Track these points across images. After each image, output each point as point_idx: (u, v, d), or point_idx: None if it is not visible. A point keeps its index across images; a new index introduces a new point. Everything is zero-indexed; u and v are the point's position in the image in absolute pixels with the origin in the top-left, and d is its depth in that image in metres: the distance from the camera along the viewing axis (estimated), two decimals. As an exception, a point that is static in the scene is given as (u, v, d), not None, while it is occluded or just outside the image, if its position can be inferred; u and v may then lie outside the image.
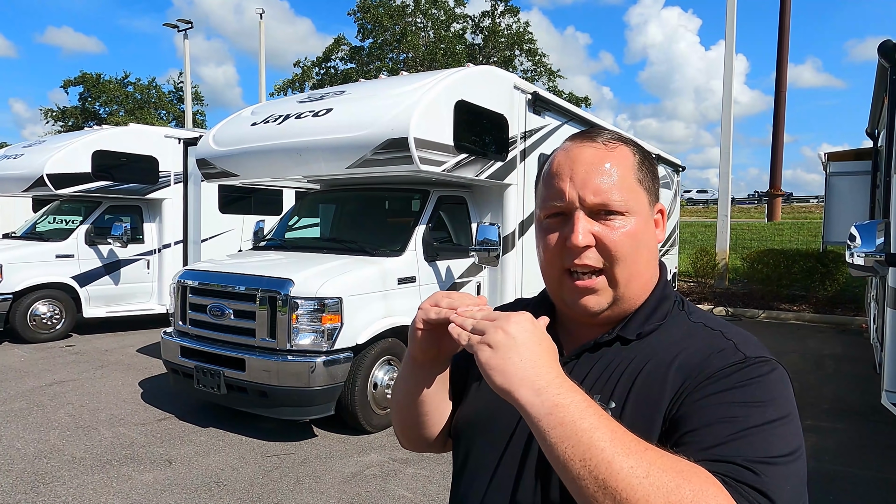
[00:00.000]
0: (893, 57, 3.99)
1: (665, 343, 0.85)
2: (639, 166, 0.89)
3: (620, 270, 0.86)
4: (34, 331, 7.69)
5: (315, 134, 4.92)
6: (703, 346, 0.82)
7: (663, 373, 0.81)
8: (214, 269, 4.92)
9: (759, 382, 0.75)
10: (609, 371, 0.86)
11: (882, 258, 3.50)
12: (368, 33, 27.79)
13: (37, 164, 8.04)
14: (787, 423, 0.73)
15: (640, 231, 0.86)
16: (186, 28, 22.25)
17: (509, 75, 5.80)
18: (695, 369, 0.78)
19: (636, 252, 0.86)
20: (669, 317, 0.89)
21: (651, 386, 0.80)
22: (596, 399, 0.79)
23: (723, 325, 0.87)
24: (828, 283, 10.65)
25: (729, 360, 0.78)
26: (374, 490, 3.66)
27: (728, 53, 12.43)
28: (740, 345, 0.81)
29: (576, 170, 0.86)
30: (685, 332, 0.86)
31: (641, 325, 0.88)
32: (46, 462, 3.99)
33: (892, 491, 3.76)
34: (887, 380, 3.97)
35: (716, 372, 0.77)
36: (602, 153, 0.87)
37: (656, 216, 0.92)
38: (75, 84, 34.23)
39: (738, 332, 0.85)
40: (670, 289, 0.93)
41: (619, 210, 0.85)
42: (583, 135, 0.91)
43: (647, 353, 0.85)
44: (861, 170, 8.73)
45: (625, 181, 0.86)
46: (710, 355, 0.79)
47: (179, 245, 8.60)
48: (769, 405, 0.73)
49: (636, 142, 0.93)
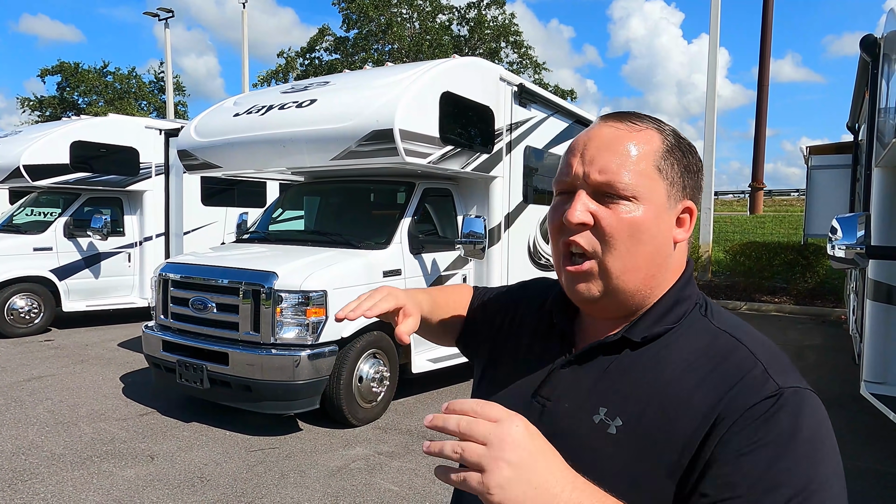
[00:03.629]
0: (874, 51, 4.03)
1: (683, 352, 0.76)
2: (665, 154, 0.80)
3: (613, 259, 0.78)
4: (11, 325, 7.54)
5: (299, 125, 4.86)
6: (728, 366, 0.73)
7: (681, 394, 0.72)
8: (197, 262, 4.85)
9: (799, 430, 0.67)
10: (619, 381, 0.78)
11: (863, 250, 3.55)
12: (353, 24, 27.54)
13: (13, 154, 7.86)
14: (835, 476, 0.66)
15: (645, 222, 0.77)
16: (167, 17, 21.85)
17: (495, 67, 5.77)
18: (722, 400, 0.70)
19: (635, 243, 0.77)
20: (686, 320, 0.80)
21: (662, 405, 0.73)
22: (602, 413, 0.76)
23: (747, 335, 0.77)
24: (808, 276, 10.81)
25: (759, 393, 0.69)
26: (360, 484, 3.64)
27: (712, 50, 12.50)
28: (770, 369, 0.72)
29: (588, 146, 0.81)
30: (707, 342, 0.77)
31: (650, 328, 0.79)
32: (25, 459, 3.91)
33: (872, 479, 3.83)
34: (866, 370, 4.03)
35: (747, 409, 0.68)
36: (622, 133, 0.80)
37: (682, 214, 0.82)
38: (53, 73, 33.50)
39: (763, 347, 0.76)
40: (692, 290, 0.83)
41: (625, 194, 0.77)
42: (612, 114, 0.84)
43: (663, 363, 0.77)
44: (842, 163, 8.85)
45: (639, 165, 0.78)
46: (738, 384, 0.71)
47: (161, 238, 8.48)
48: (815, 459, 0.66)
49: (675, 131, 0.83)
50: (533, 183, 6.47)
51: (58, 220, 8.13)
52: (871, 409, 4.00)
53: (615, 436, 0.74)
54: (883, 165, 3.95)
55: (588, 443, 0.75)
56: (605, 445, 0.74)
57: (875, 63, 4.03)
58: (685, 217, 0.82)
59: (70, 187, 8.31)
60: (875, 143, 4.01)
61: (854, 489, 3.68)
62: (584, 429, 0.77)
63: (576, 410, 0.79)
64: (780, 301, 10.77)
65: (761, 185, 21.69)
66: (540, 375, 0.86)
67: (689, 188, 0.82)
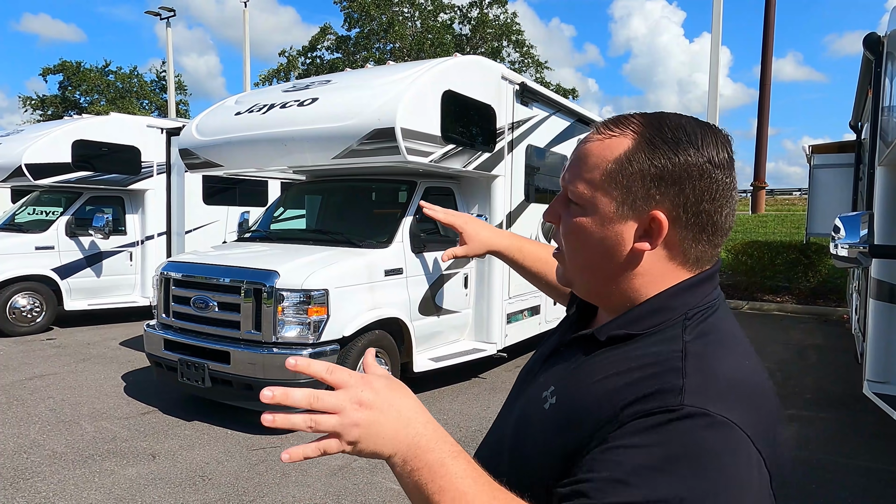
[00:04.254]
0: (878, 49, 4.02)
1: (633, 357, 0.75)
2: (623, 160, 0.77)
3: (568, 255, 0.86)
4: (13, 324, 7.55)
5: (300, 124, 4.85)
6: (646, 382, 0.70)
7: (597, 398, 0.73)
8: (198, 261, 4.85)
9: (676, 445, 0.63)
10: (573, 368, 0.82)
11: (866, 249, 3.54)
12: (355, 23, 27.54)
13: (15, 153, 7.86)
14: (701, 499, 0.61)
15: (587, 227, 0.80)
16: (169, 16, 21.88)
17: (497, 66, 5.76)
18: (614, 410, 0.69)
19: (581, 245, 0.82)
20: (662, 329, 0.77)
21: (582, 403, 0.74)
22: (549, 391, 0.82)
23: (704, 355, 0.72)
24: (810, 275, 10.79)
25: (652, 405, 0.66)
26: (362, 483, 3.64)
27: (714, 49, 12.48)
28: (690, 387, 0.67)
29: (571, 156, 0.87)
30: (659, 353, 0.74)
31: (614, 329, 0.80)
32: (27, 457, 3.92)
33: (874, 479, 3.82)
34: (869, 370, 4.02)
35: (631, 419, 0.67)
36: (591, 144, 0.82)
37: (652, 224, 0.77)
38: (54, 72, 33.55)
39: (706, 369, 0.70)
40: (684, 300, 0.79)
41: (576, 202, 0.82)
42: (603, 122, 0.85)
43: (607, 367, 0.77)
44: (844, 162, 8.82)
45: (591, 174, 0.80)
46: (641, 398, 0.68)
47: (163, 237, 8.47)
48: (677, 478, 0.61)
49: (653, 136, 0.78)
50: (534, 182, 6.46)
51: (59, 219, 8.14)
52: (873, 409, 3.99)
53: (546, 410, 0.80)
54: (886, 164, 3.94)
55: (532, 411, 0.84)
56: (538, 414, 0.82)
57: (878, 61, 4.01)
58: (653, 227, 0.77)
59: (72, 186, 8.31)
60: (878, 142, 4.00)
61: (857, 488, 3.67)
62: (535, 402, 0.84)
63: (540, 384, 0.87)
64: (782, 300, 10.75)
65: (763, 184, 21.65)
66: (545, 353, 0.95)
67: (665, 196, 0.76)
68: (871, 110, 4.46)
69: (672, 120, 0.79)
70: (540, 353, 0.97)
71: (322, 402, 0.66)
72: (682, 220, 0.77)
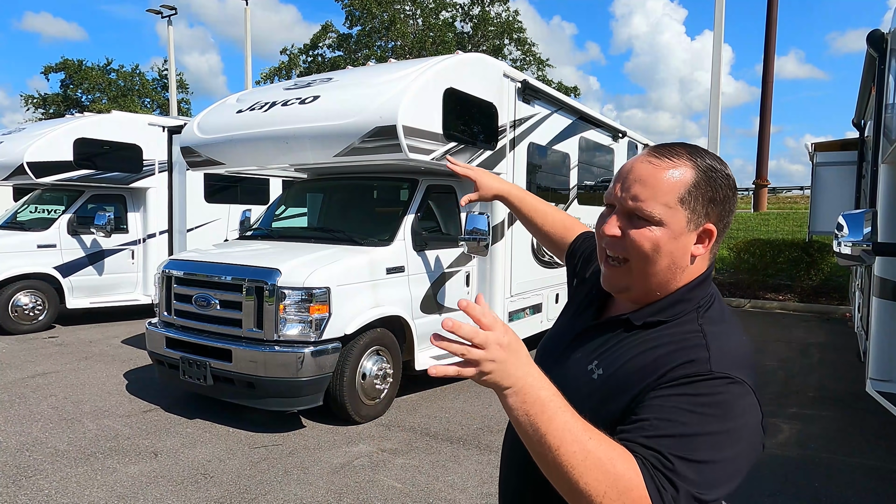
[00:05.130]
0: (881, 47, 4.00)
1: (661, 339, 0.99)
2: (690, 187, 0.99)
3: (638, 266, 1.02)
4: (16, 322, 7.56)
5: (302, 121, 4.85)
6: (682, 352, 0.94)
7: (643, 365, 0.96)
8: (200, 259, 4.85)
9: (708, 396, 0.88)
10: (614, 345, 1.04)
11: (869, 247, 3.52)
12: (356, 20, 27.51)
13: (17, 151, 7.86)
14: (722, 435, 0.86)
15: (663, 241, 1.00)
16: (170, 14, 21.86)
17: (499, 63, 5.75)
18: (659, 373, 0.93)
19: (655, 256, 1.00)
20: (682, 317, 1.02)
21: (630, 371, 0.97)
22: (593, 363, 1.04)
23: (717, 335, 0.97)
24: (813, 273, 10.76)
25: (691, 370, 0.91)
26: (363, 481, 3.64)
27: (716, 47, 12.44)
28: (714, 358, 0.92)
29: (629, 176, 1.03)
30: (681, 334, 0.99)
31: (647, 317, 1.03)
32: (29, 455, 3.92)
33: (876, 478, 3.82)
34: (872, 368, 4.01)
35: (675, 380, 0.91)
36: (655, 169, 1.00)
37: (704, 235, 1.02)
38: (56, 70, 33.58)
39: (721, 345, 0.95)
40: (697, 294, 1.04)
41: (651, 219, 0.99)
42: (655, 148, 1.04)
43: (645, 343, 1.00)
44: (847, 160, 8.79)
45: (664, 197, 0.99)
46: (680, 364, 0.92)
47: (164, 235, 8.48)
48: (710, 417, 0.86)
49: (710, 166, 1.02)
50: (537, 180, 6.45)
51: (61, 217, 8.15)
52: (876, 407, 3.98)
53: (595, 380, 1.02)
54: (890, 162, 3.92)
55: (579, 382, 1.04)
56: (587, 385, 1.03)
57: (882, 58, 3.99)
58: (705, 237, 1.03)
59: (74, 184, 8.31)
60: (882, 139, 3.98)
61: (861, 487, 3.66)
62: (581, 373, 1.05)
63: (580, 360, 1.08)
64: (784, 298, 10.72)
65: (765, 182, 21.60)
66: (572, 332, 1.16)
67: (714, 214, 1.02)
68: (874, 108, 4.44)
69: (707, 153, 1.04)
70: (560, 336, 1.20)
71: (478, 336, 0.84)
72: (719, 229, 1.03)
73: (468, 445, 4.22)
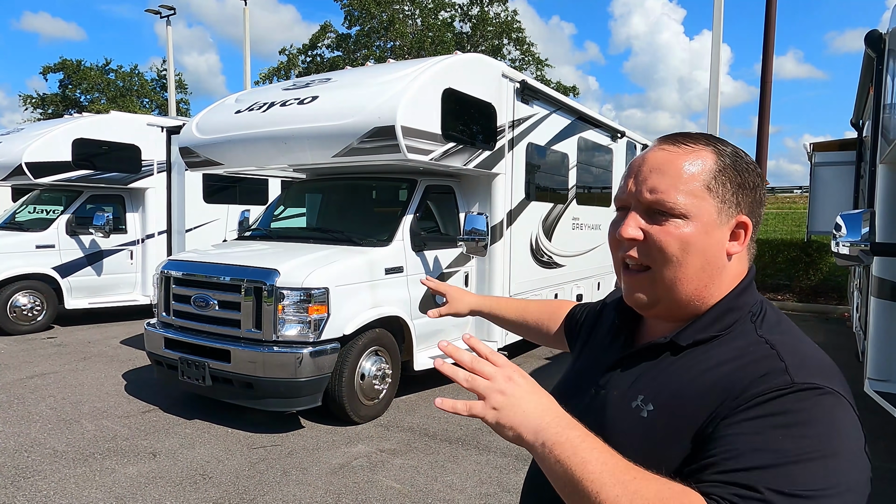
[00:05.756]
0: (879, 47, 4.00)
1: (720, 356, 0.83)
2: (716, 173, 0.86)
3: (665, 271, 0.86)
4: (14, 322, 7.55)
5: (300, 122, 4.85)
6: (752, 366, 0.79)
7: (705, 389, 0.80)
8: (199, 260, 4.84)
9: (799, 412, 0.72)
10: (659, 374, 0.88)
11: (867, 247, 3.52)
12: (355, 20, 27.48)
13: (15, 152, 7.86)
14: (826, 458, 0.69)
15: (693, 237, 0.85)
16: (169, 14, 21.83)
17: (498, 63, 5.75)
18: (734, 391, 0.77)
19: (684, 256, 0.85)
20: (736, 328, 0.86)
21: (690, 398, 0.81)
22: (639, 399, 0.87)
23: (788, 344, 0.82)
24: (811, 273, 10.78)
25: (771, 384, 0.75)
26: (362, 481, 3.64)
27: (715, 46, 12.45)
28: (792, 368, 0.76)
29: (642, 168, 0.89)
30: (742, 348, 0.83)
31: (696, 334, 0.87)
32: (27, 456, 3.92)
33: (876, 477, 3.78)
34: (870, 368, 4.01)
35: (755, 397, 0.74)
36: (673, 155, 0.87)
37: (737, 229, 0.88)
38: (55, 70, 33.51)
39: (796, 352, 0.80)
40: (746, 299, 0.89)
41: (674, 212, 0.85)
42: (668, 137, 0.91)
43: (699, 364, 0.84)
44: (846, 160, 8.80)
45: (688, 185, 0.85)
46: (756, 379, 0.76)
47: (163, 235, 8.47)
48: (806, 437, 0.70)
49: (735, 150, 0.89)
50: (535, 180, 6.45)
51: (60, 217, 8.14)
52: (875, 407, 3.98)
53: (645, 419, 0.85)
54: (888, 162, 3.92)
55: (623, 424, 0.87)
56: (635, 426, 0.85)
57: (880, 59, 3.99)
58: (740, 231, 0.88)
59: (72, 185, 8.31)
60: (880, 140, 3.98)
61: (858, 487, 3.67)
62: (625, 412, 0.88)
63: (620, 398, 0.90)
64: (783, 298, 10.74)
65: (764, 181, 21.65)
66: (599, 368, 1.00)
67: (745, 204, 0.88)
68: (872, 108, 4.45)
69: (727, 141, 0.91)
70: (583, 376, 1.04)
71: (482, 367, 0.78)
72: (753, 223, 0.89)
73: (467, 446, 4.22)
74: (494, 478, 3.73)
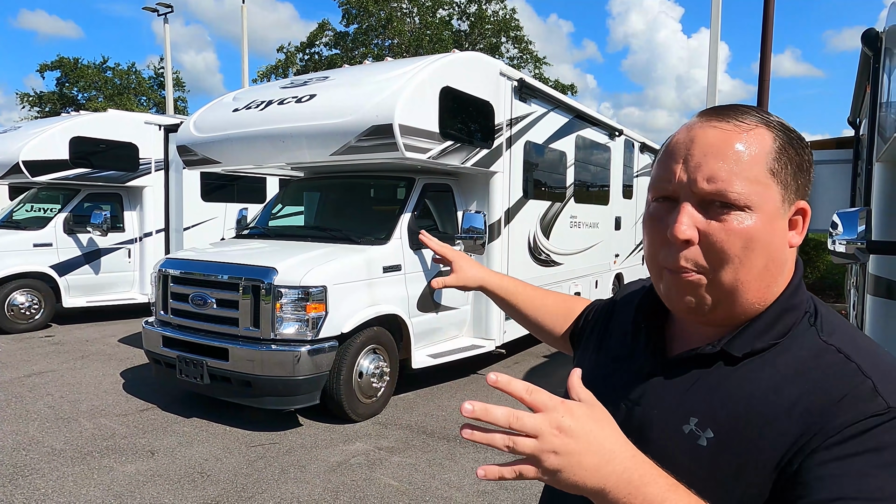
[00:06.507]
0: (876, 45, 4.01)
1: (785, 369, 0.71)
2: (777, 154, 0.73)
3: (725, 274, 0.72)
4: (12, 321, 7.54)
5: (298, 120, 4.85)
6: (831, 383, 0.67)
7: (778, 413, 0.68)
8: (197, 258, 4.84)
9: None
10: (712, 391, 0.74)
11: (863, 245, 3.53)
12: (353, 18, 27.44)
13: (12, 150, 7.85)
14: None
15: (758, 232, 0.71)
16: (166, 12, 21.78)
17: (495, 62, 5.75)
18: (819, 418, 0.65)
19: (748, 256, 0.71)
20: (793, 332, 0.74)
21: (758, 424, 0.69)
22: (692, 423, 0.73)
23: (862, 350, 0.71)
24: (808, 271, 10.81)
25: (864, 411, 0.63)
26: (360, 479, 3.65)
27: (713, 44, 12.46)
28: (881, 385, 0.65)
29: (692, 151, 0.74)
30: (811, 357, 0.71)
31: (752, 342, 0.74)
32: (25, 454, 3.92)
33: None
34: (867, 366, 4.02)
35: (846, 427, 0.63)
36: (729, 134, 0.73)
37: (795, 216, 0.75)
38: (52, 68, 33.40)
39: (878, 364, 0.69)
40: (801, 298, 0.77)
41: (737, 204, 0.71)
42: (714, 111, 0.77)
43: (762, 380, 0.72)
44: (842, 158, 8.82)
45: (752, 170, 0.71)
46: (840, 400, 0.65)
47: (161, 233, 8.47)
48: None
49: (784, 124, 0.76)
50: (533, 178, 6.46)
51: (57, 216, 8.13)
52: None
53: (706, 448, 0.71)
54: (884, 160, 3.94)
55: (678, 453, 0.73)
56: (696, 458, 0.72)
57: (876, 57, 4.00)
58: (798, 219, 0.76)
59: (70, 183, 8.30)
60: (876, 138, 3.99)
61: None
62: (675, 439, 0.74)
63: (666, 420, 0.76)
64: (780, 296, 10.78)
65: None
66: (628, 377, 0.84)
67: (802, 187, 0.75)
68: (869, 106, 4.46)
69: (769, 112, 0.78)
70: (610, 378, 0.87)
71: (522, 422, 0.61)
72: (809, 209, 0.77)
73: (465, 443, 4.24)
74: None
